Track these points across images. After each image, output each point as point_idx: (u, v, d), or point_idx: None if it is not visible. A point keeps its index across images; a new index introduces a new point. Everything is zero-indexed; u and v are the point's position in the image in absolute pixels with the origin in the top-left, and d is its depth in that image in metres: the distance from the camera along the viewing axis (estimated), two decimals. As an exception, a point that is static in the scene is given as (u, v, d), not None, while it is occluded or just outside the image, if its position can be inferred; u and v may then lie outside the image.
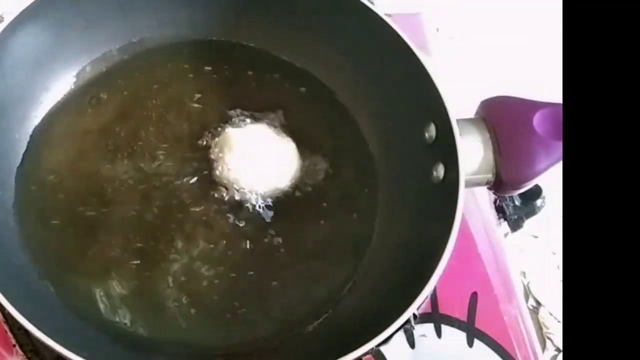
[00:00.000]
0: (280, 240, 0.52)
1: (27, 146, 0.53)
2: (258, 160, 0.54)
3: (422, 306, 0.53)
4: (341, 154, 0.56)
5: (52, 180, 0.53)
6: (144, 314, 0.49)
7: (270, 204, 0.53)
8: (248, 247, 0.52)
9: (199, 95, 0.57)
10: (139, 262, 0.50)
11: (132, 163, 0.54)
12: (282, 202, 0.53)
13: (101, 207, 0.52)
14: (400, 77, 0.53)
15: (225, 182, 0.53)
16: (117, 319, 0.48)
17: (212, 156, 0.54)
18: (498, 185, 0.50)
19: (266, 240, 0.52)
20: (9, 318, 0.48)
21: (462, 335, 0.53)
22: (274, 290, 0.51)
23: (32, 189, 0.52)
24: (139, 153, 0.54)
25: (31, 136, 0.54)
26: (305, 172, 0.55)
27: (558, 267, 1.04)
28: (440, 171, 0.50)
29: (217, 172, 0.53)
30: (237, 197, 0.53)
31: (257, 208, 0.53)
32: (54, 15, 0.53)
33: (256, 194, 0.53)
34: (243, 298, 0.50)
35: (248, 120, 0.56)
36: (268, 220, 0.53)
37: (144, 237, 0.51)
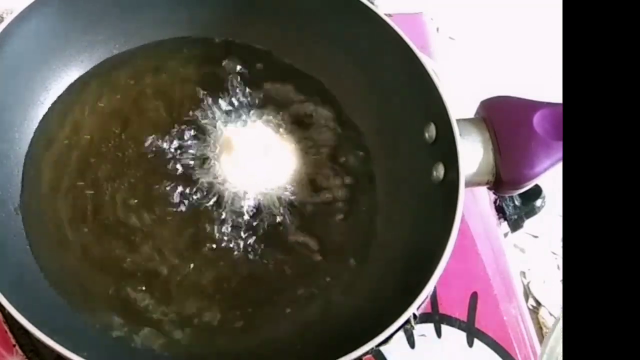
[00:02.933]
0: (278, 240, 0.52)
1: (28, 147, 0.53)
2: (257, 160, 0.54)
3: (422, 306, 0.53)
4: (341, 154, 0.56)
5: (53, 180, 0.53)
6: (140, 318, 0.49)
7: (269, 204, 0.53)
8: (246, 246, 0.52)
9: (198, 96, 0.57)
10: (138, 262, 0.50)
11: (133, 164, 0.54)
12: (281, 203, 0.53)
13: (102, 208, 0.52)
14: (401, 77, 0.53)
15: (224, 181, 0.53)
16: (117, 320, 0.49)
17: (212, 156, 0.54)
18: (498, 185, 0.50)
19: (265, 240, 0.52)
20: (9, 318, 0.48)
21: (462, 335, 0.53)
22: (273, 291, 0.51)
23: (33, 189, 0.52)
24: (139, 153, 0.54)
25: (32, 136, 0.54)
26: (304, 173, 0.55)
27: (558, 267, 1.04)
28: (440, 171, 0.50)
29: (217, 172, 0.53)
30: (235, 197, 0.53)
31: (255, 208, 0.53)
32: (54, 15, 0.53)
33: (255, 194, 0.53)
34: (241, 299, 0.50)
35: (248, 120, 0.56)
36: (267, 220, 0.53)
37: (143, 238, 0.51)
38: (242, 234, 0.52)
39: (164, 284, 0.50)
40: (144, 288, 0.50)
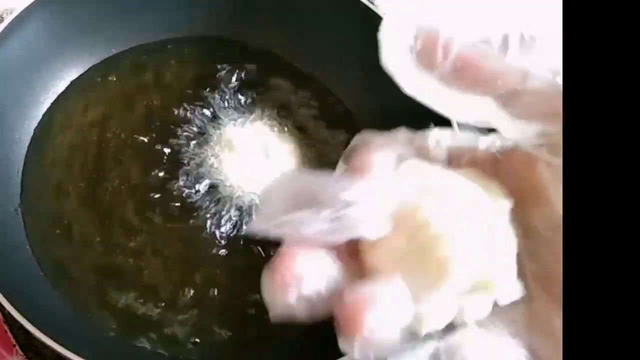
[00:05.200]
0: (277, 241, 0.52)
1: (28, 147, 0.53)
2: (257, 160, 0.54)
3: (422, 306, 0.53)
4: (340, 154, 0.56)
5: (53, 180, 0.53)
6: (138, 316, 0.49)
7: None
8: (245, 246, 0.52)
9: (199, 95, 0.57)
10: (138, 263, 0.50)
11: (133, 163, 0.54)
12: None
13: (103, 208, 0.52)
14: (401, 77, 0.53)
15: (224, 181, 0.53)
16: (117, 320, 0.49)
17: (212, 156, 0.54)
18: (498, 185, 0.49)
19: (264, 240, 0.52)
20: (8, 318, 0.48)
21: (462, 335, 0.53)
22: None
23: (34, 189, 0.52)
24: (140, 153, 0.54)
25: (32, 136, 0.54)
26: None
27: (558, 267, 1.04)
28: (440, 171, 0.49)
29: (217, 172, 0.53)
30: (236, 197, 0.53)
31: (255, 208, 0.53)
32: (54, 15, 0.53)
33: (255, 194, 0.53)
34: (241, 298, 0.50)
35: (248, 120, 0.56)
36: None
37: (143, 239, 0.51)
38: (241, 234, 0.52)
39: (164, 285, 0.50)
40: (144, 288, 0.50)
